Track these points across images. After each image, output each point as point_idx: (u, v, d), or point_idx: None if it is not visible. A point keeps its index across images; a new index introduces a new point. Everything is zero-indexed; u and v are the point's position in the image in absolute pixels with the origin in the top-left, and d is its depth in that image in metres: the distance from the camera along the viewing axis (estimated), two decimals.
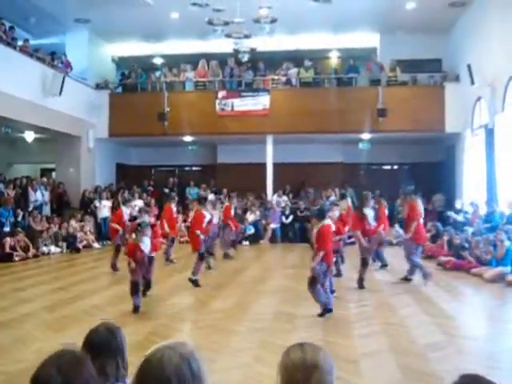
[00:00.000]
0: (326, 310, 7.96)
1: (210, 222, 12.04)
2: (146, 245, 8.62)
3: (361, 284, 10.30)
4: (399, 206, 16.68)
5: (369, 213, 10.91)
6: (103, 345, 2.67)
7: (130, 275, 8.48)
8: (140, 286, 8.55)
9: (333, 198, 17.45)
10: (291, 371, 1.92)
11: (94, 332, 2.75)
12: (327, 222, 8.16)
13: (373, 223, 11.07)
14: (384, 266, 12.83)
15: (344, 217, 10.99)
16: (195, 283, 10.52)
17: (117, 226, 12.67)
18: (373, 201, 11.84)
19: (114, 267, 12.31)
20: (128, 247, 9.02)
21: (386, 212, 13.49)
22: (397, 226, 16.59)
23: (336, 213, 9.97)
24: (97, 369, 2.55)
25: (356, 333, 7.21)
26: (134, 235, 8.96)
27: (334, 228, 8.45)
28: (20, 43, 17.25)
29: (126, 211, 12.87)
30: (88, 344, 2.68)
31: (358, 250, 10.84)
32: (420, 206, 11.12)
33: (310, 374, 1.89)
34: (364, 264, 10.46)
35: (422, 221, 11.15)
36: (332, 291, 8.95)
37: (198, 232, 10.83)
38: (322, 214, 8.32)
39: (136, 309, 8.21)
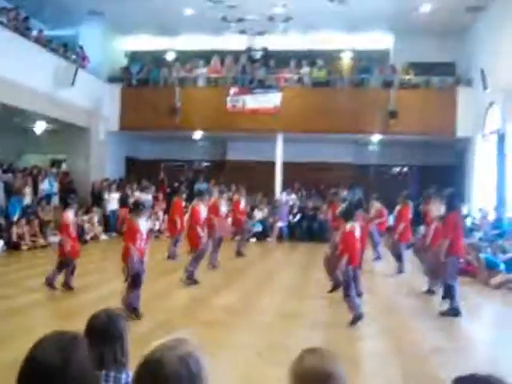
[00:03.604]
0: (358, 317, 7.56)
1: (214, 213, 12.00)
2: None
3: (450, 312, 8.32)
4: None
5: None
6: (102, 331, 2.67)
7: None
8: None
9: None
10: (305, 379, 1.85)
11: (94, 318, 2.76)
12: (352, 224, 7.80)
13: None
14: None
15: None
16: (194, 282, 10.44)
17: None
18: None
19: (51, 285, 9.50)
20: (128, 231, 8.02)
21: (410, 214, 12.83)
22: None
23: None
24: (95, 355, 2.56)
25: (358, 334, 7.22)
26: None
27: (358, 231, 7.99)
28: (34, 33, 17.32)
29: (71, 213, 9.85)
30: (88, 330, 2.69)
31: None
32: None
33: (325, 382, 1.85)
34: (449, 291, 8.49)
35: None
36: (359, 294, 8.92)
37: (199, 229, 10.65)
38: (349, 215, 7.96)
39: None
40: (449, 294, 8.46)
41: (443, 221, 8.65)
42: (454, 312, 8.25)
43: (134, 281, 7.66)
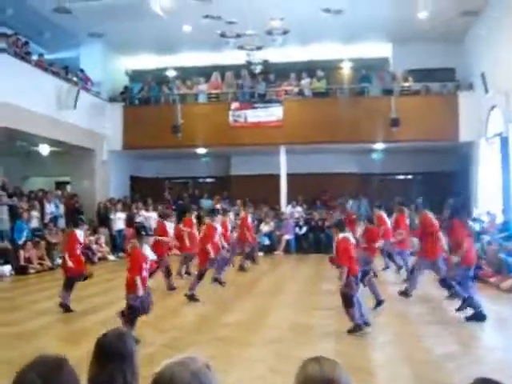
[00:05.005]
0: (358, 327, 7.45)
1: (223, 234, 11.88)
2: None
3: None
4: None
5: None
6: (111, 351, 2.64)
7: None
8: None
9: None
10: None
11: (102, 338, 2.72)
12: (344, 234, 7.69)
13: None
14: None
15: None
16: (191, 298, 10.21)
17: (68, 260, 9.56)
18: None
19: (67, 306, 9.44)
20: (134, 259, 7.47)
21: (407, 222, 13.19)
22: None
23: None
24: (105, 376, 2.55)
25: (370, 343, 7.17)
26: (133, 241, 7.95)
27: (351, 240, 7.83)
28: (35, 58, 17.45)
29: (80, 234, 9.88)
30: (97, 350, 2.67)
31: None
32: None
33: None
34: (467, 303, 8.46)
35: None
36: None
37: (209, 248, 10.46)
38: (341, 226, 7.83)
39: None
40: (466, 304, 8.38)
41: (448, 231, 8.66)
42: (478, 317, 8.16)
43: (130, 316, 7.26)
